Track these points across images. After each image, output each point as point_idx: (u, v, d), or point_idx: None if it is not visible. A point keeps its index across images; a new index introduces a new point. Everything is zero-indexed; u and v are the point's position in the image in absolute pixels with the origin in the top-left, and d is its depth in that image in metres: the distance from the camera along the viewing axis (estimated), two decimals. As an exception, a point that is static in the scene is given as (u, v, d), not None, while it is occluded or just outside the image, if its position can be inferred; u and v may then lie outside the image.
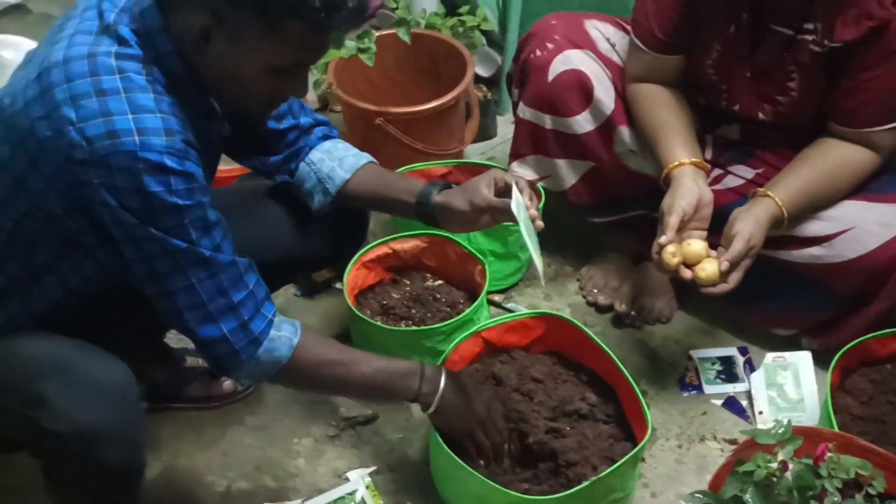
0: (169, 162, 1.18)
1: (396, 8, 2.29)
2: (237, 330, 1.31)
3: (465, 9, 2.37)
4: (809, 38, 1.61)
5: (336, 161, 1.54)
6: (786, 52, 1.64)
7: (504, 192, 1.47)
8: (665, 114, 1.74)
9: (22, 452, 1.50)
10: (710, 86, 1.77)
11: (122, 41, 1.20)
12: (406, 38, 2.22)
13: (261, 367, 1.36)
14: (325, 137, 1.57)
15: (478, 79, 2.44)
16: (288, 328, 1.38)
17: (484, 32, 2.36)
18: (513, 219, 1.44)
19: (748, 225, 1.57)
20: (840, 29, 1.56)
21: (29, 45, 2.15)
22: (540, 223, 1.48)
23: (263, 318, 1.34)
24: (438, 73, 2.33)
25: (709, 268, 1.56)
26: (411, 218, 1.57)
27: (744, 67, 1.71)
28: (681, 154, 1.67)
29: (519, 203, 1.43)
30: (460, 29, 2.34)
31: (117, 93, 1.17)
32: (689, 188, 1.61)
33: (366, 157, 1.58)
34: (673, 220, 1.58)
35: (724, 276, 1.56)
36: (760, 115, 1.75)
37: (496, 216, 1.48)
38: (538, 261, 1.48)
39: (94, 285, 1.36)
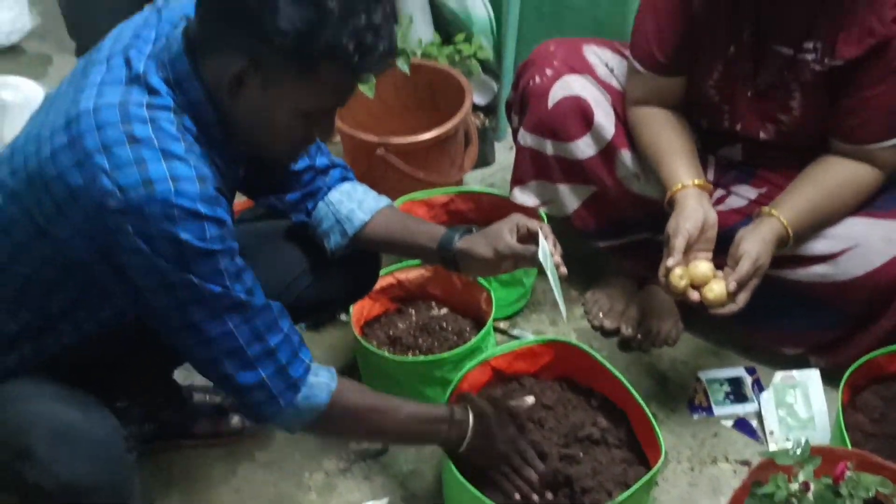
0: (202, 209, 1.17)
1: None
2: (275, 375, 1.29)
3: (460, 37, 2.39)
4: (810, 56, 1.62)
5: (355, 203, 1.53)
6: (787, 72, 1.66)
7: (526, 237, 1.46)
8: (667, 136, 1.75)
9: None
10: (712, 107, 1.78)
11: (152, 91, 1.20)
12: (405, 69, 2.23)
13: (300, 414, 1.34)
14: (344, 179, 1.56)
15: (475, 107, 2.45)
16: (325, 374, 1.36)
17: (480, 60, 2.38)
18: (536, 265, 1.44)
19: (755, 245, 1.58)
20: (842, 47, 1.57)
21: (29, 85, 2.15)
22: (564, 270, 1.46)
23: (301, 363, 1.32)
24: (437, 102, 2.34)
25: (717, 289, 1.56)
26: (432, 262, 1.57)
27: (745, 87, 1.72)
28: (684, 176, 1.68)
29: (545, 251, 1.43)
30: (457, 57, 2.36)
31: (150, 140, 1.16)
32: (694, 210, 1.62)
33: (385, 201, 1.57)
34: (679, 243, 1.58)
35: (731, 296, 1.57)
36: (762, 135, 1.76)
37: (519, 263, 1.48)
38: (562, 304, 1.47)
39: (109, 330, 1.35)
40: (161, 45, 1.23)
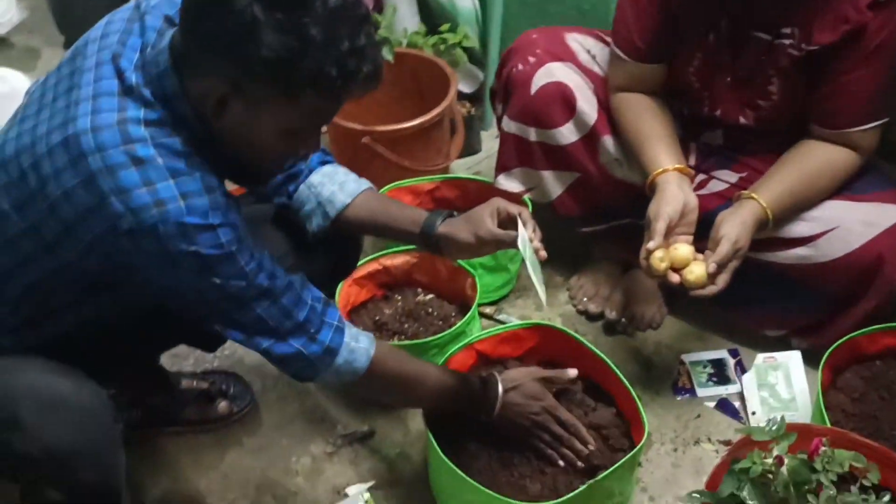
0: (214, 220, 1.19)
1: (378, 28, 2.31)
2: (309, 343, 1.35)
3: (445, 27, 2.40)
4: (787, 42, 1.64)
5: (337, 185, 1.54)
6: (765, 57, 1.68)
7: (506, 221, 1.49)
8: (648, 121, 1.77)
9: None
10: (693, 93, 1.80)
11: (147, 103, 1.20)
12: (389, 58, 2.24)
13: (340, 376, 1.40)
14: (324, 163, 1.57)
15: (461, 95, 2.47)
16: (365, 340, 1.42)
17: (465, 49, 2.39)
18: (516, 248, 1.46)
19: (734, 227, 1.60)
20: (817, 33, 1.59)
21: (18, 77, 2.15)
22: (543, 254, 1.48)
23: (330, 327, 1.37)
24: (422, 90, 2.35)
25: (696, 270, 1.58)
26: (413, 245, 1.59)
27: (724, 74, 1.74)
28: (665, 160, 1.70)
29: (524, 238, 1.45)
30: (442, 47, 2.37)
31: (153, 160, 1.17)
32: (674, 194, 1.64)
33: (366, 184, 1.58)
34: (660, 226, 1.60)
35: (711, 278, 1.58)
36: (742, 120, 1.77)
37: (500, 246, 1.50)
38: (541, 291, 1.49)
39: (109, 318, 1.37)
40: (148, 58, 1.22)
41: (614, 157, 1.86)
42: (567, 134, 1.86)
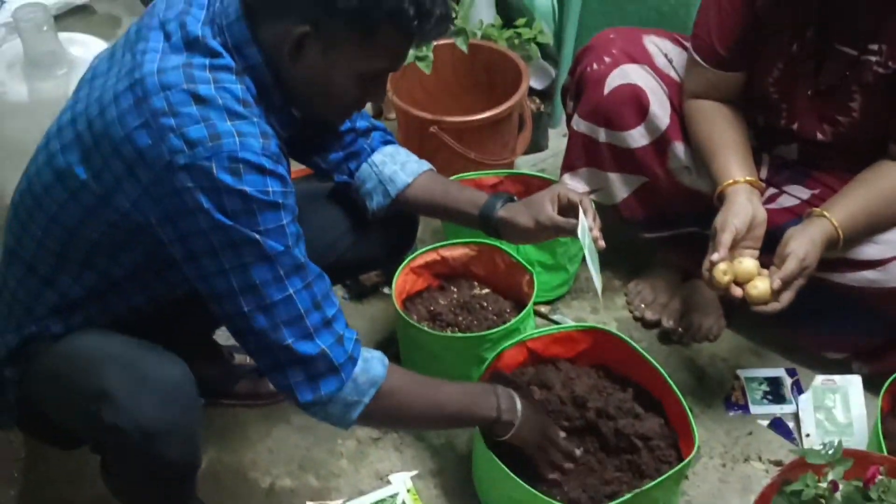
0: (266, 163, 1.20)
1: (455, 18, 2.30)
2: (335, 345, 1.29)
3: (521, 21, 2.39)
4: (874, 59, 1.60)
5: (398, 165, 1.56)
6: (849, 73, 1.63)
7: (566, 208, 1.48)
8: (722, 130, 1.74)
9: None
10: (770, 104, 1.76)
11: (213, 54, 1.23)
12: (464, 48, 2.24)
13: (358, 389, 1.32)
14: (386, 142, 1.59)
15: (531, 91, 2.45)
16: (376, 352, 1.38)
17: (539, 45, 2.37)
18: (575, 236, 1.45)
19: (802, 244, 1.56)
20: None
21: (97, 43, 2.20)
22: (602, 243, 1.47)
23: (351, 339, 1.33)
24: (493, 83, 2.35)
25: (760, 286, 1.55)
26: (472, 227, 1.58)
27: (805, 86, 1.70)
28: (736, 172, 1.67)
29: (584, 226, 1.44)
30: (516, 41, 2.36)
31: (214, 99, 1.19)
32: (743, 206, 1.61)
33: (427, 165, 1.60)
34: (726, 238, 1.57)
35: (775, 294, 1.55)
36: (819, 136, 1.73)
37: (559, 233, 1.49)
38: (597, 280, 1.48)
39: (176, 292, 1.39)
40: (216, 10, 1.25)
41: (684, 165, 1.83)
42: (637, 137, 1.83)
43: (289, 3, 1.21)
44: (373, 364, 1.35)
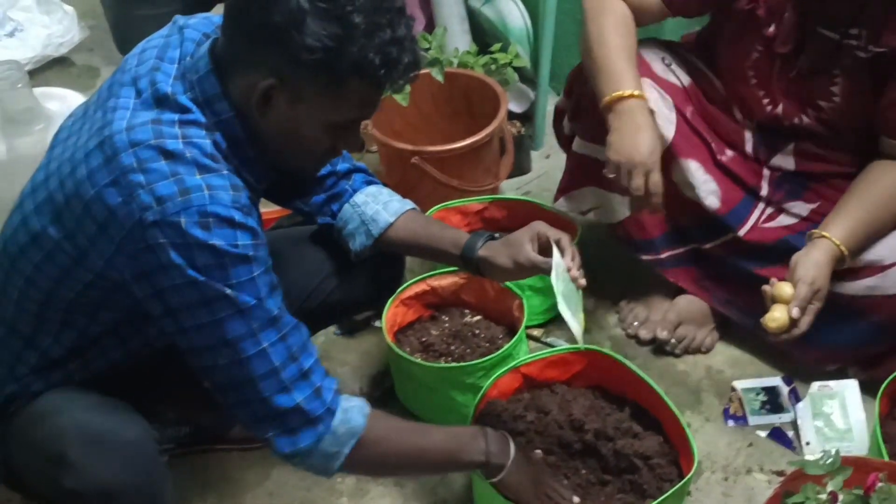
0: (237, 216, 1.20)
1: (429, 48, 2.32)
2: (311, 398, 1.28)
3: (496, 46, 2.40)
4: (854, 42, 1.60)
5: (381, 205, 1.55)
6: (830, 56, 1.63)
7: (546, 246, 1.46)
8: (618, 38, 1.70)
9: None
10: (750, 89, 1.75)
11: (183, 109, 1.23)
12: (440, 78, 2.24)
13: (337, 440, 1.31)
14: (369, 182, 1.59)
15: (511, 115, 2.46)
16: (357, 400, 1.35)
17: (516, 69, 2.38)
18: None
19: (809, 269, 1.56)
20: (887, 35, 1.55)
21: (74, 97, 2.21)
22: (583, 282, 1.45)
23: (330, 389, 1.31)
24: (472, 110, 2.35)
25: (778, 316, 1.55)
26: (455, 266, 1.59)
27: (785, 70, 1.69)
28: (626, 84, 1.64)
29: (558, 269, 1.42)
30: (493, 66, 2.36)
31: (182, 155, 1.19)
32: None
33: (409, 204, 1.58)
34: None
35: (794, 322, 1.55)
36: (805, 120, 1.73)
37: (539, 272, 1.47)
38: (573, 324, 1.45)
39: (154, 346, 1.38)
40: (187, 66, 1.26)
41: (688, 180, 1.81)
42: None
43: (254, 56, 1.20)
44: (352, 414, 1.33)
